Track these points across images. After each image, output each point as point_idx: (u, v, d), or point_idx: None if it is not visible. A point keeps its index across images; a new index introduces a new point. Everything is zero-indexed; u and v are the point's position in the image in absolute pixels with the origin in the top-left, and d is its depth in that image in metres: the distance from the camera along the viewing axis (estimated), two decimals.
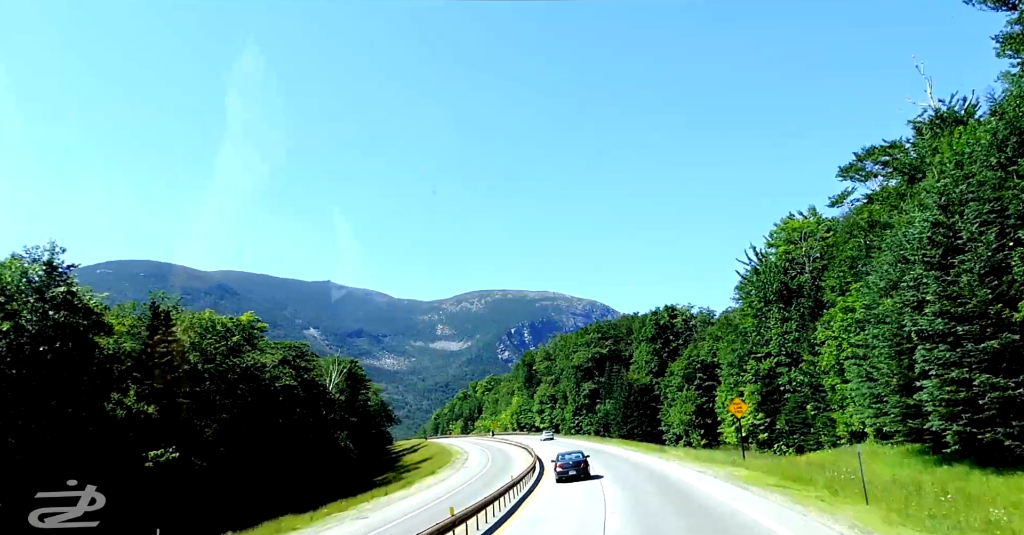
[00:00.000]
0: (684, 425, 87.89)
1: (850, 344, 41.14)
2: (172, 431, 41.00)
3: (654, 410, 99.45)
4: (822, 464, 33.43)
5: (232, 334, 51.03)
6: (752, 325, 67.06)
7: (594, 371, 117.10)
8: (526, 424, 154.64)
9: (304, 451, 60.21)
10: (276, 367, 56.49)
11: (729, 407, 41.24)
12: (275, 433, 53.83)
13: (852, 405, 41.31)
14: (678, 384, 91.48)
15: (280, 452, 54.14)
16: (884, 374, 29.64)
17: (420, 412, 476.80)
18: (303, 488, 54.75)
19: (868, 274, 37.06)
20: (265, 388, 52.66)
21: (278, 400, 53.72)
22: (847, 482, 24.00)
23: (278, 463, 53.39)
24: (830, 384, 44.22)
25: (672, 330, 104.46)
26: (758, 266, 67.78)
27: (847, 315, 42.37)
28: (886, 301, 31.01)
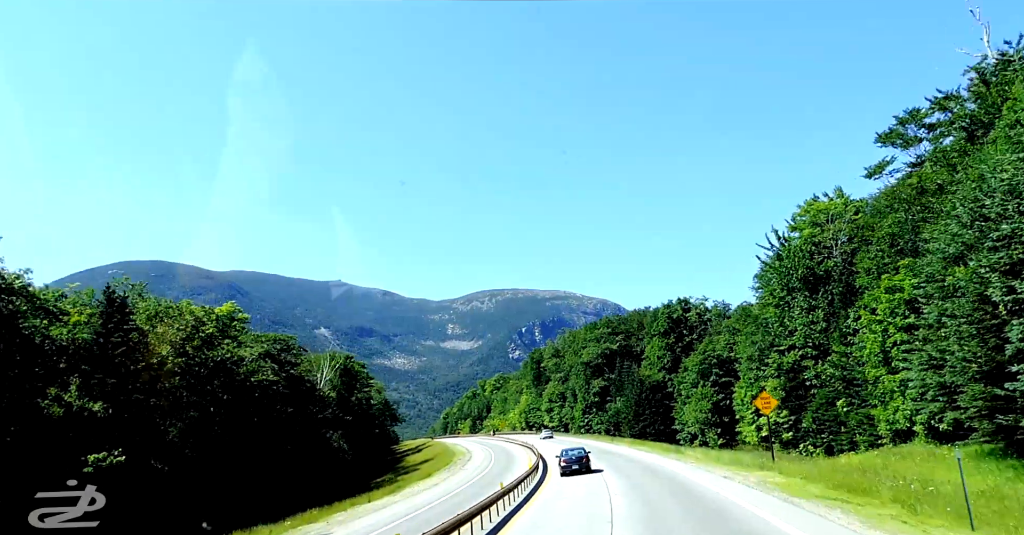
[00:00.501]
0: (700, 424, 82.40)
1: (898, 328, 35.71)
2: (124, 431, 36.03)
3: (667, 408, 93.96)
4: (869, 469, 27.98)
5: (204, 324, 46.07)
6: (774, 315, 61.50)
7: (604, 368, 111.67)
8: (535, 423, 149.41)
9: (289, 452, 55.22)
10: (256, 361, 51.55)
11: (755, 402, 35.90)
12: (253, 433, 48.85)
13: (901, 399, 35.83)
14: (693, 380, 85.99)
15: (259, 453, 49.16)
16: (959, 359, 24.16)
17: (431, 412, 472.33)
18: (285, 493, 49.77)
19: (923, 246, 31.59)
20: (241, 383, 47.69)
21: (255, 396, 48.71)
22: (923, 495, 18.60)
23: (256, 466, 48.39)
24: (873, 375, 38.73)
25: (686, 324, 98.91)
26: (780, 251, 62.15)
27: (893, 296, 36.83)
28: (957, 270, 25.58)
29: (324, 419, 66.75)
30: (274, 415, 54.02)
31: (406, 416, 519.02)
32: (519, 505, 28.44)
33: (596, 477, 36.09)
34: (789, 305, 60.68)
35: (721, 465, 36.53)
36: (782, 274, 60.11)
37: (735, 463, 36.51)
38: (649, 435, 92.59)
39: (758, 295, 70.22)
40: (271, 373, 53.70)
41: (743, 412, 68.90)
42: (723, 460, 39.58)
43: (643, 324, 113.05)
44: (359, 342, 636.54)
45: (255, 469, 47.94)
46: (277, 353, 57.43)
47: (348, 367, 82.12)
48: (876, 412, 40.72)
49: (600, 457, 55.00)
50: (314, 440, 62.64)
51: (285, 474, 53.83)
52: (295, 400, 58.44)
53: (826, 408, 53.69)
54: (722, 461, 38.92)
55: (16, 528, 18.11)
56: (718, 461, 39.55)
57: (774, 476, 28.69)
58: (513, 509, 27.32)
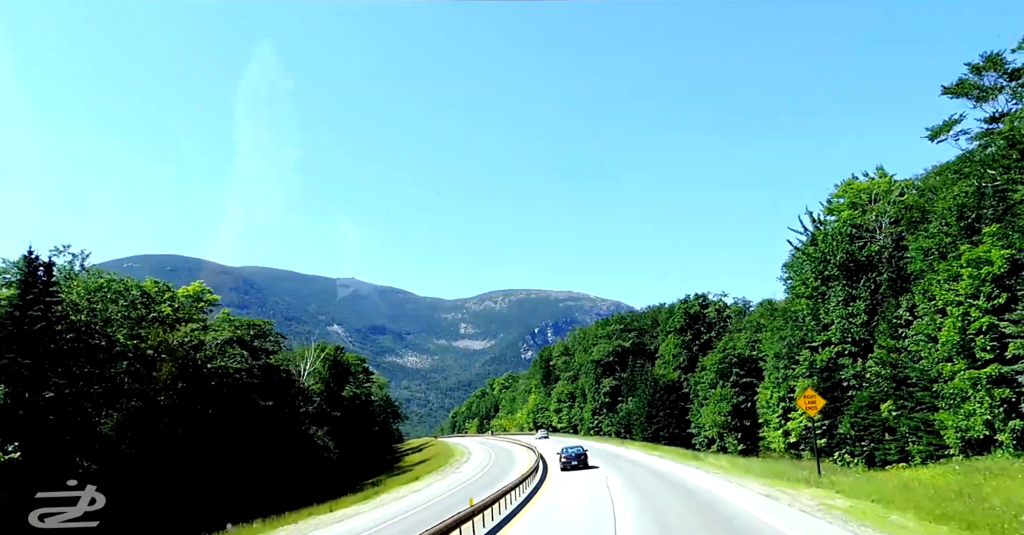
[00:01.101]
0: (718, 427, 75.24)
1: (985, 311, 28.68)
2: (33, 422, 29.65)
3: (682, 410, 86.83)
4: (961, 490, 20.87)
5: (156, 303, 39.75)
6: (806, 308, 54.28)
7: (615, 366, 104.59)
8: (543, 424, 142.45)
9: (260, 450, 48.77)
10: (219, 345, 45.14)
11: (798, 402, 28.98)
12: (211, 426, 42.43)
13: (984, 399, 28.69)
14: (711, 380, 78.85)
15: (219, 450, 42.72)
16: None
17: (442, 411, 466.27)
18: (247, 497, 43.33)
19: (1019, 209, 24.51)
20: (198, 370, 41.28)
21: (212, 386, 42.23)
22: None
23: (214, 464, 41.95)
24: (949, 371, 31.57)
25: (703, 321, 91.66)
26: (815, 235, 54.95)
27: (979, 270, 29.64)
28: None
29: (306, 414, 60.31)
30: (241, 407, 47.59)
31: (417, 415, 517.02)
32: (504, 520, 21.82)
33: (600, 491, 29.31)
34: (824, 296, 53.50)
35: (755, 478, 29.56)
36: (817, 261, 52.90)
37: (772, 475, 29.51)
38: (662, 438, 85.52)
39: (787, 286, 63.00)
40: (242, 360, 47.26)
41: (768, 415, 61.72)
42: (755, 471, 32.56)
43: (657, 321, 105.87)
44: (371, 340, 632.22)
45: (212, 468, 41.50)
46: (250, 339, 51.03)
47: (338, 359, 75.54)
48: (941, 417, 33.51)
49: (609, 463, 48.17)
50: (293, 437, 56.20)
51: (252, 475, 47.37)
52: (270, 392, 52.02)
53: (867, 412, 46.52)
54: (754, 472, 31.91)
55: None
56: (749, 472, 32.56)
57: (832, 496, 21.78)
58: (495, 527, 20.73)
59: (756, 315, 77.46)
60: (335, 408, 71.04)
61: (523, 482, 33.36)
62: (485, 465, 62.57)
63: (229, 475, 43.74)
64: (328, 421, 67.35)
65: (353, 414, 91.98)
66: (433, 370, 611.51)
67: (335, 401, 71.87)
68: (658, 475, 35.57)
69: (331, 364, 73.47)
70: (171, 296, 42.26)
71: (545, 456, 58.57)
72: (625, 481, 32.97)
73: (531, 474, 38.58)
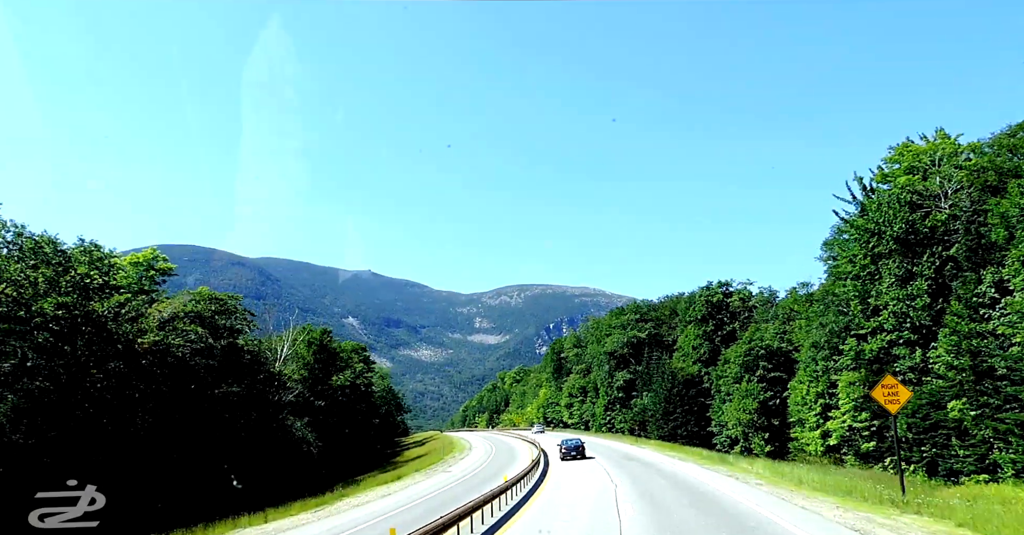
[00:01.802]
0: (742, 426, 67.29)
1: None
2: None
3: (702, 406, 78.92)
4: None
5: (72, 263, 32.68)
6: (853, 290, 46.23)
7: (630, 358, 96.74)
8: (553, 419, 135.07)
9: (216, 442, 41.75)
10: (168, 321, 38.08)
11: (874, 393, 21.26)
12: (150, 413, 35.35)
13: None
14: (735, 374, 70.91)
15: (159, 441, 35.66)
16: None
17: (455, 404, 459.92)
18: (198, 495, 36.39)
19: None
20: (129, 347, 34.20)
21: (149, 365, 35.12)
22: None
23: (153, 458, 34.89)
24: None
25: (727, 310, 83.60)
26: (866, 205, 46.86)
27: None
28: None
29: (281, 403, 53.22)
30: (194, 393, 40.52)
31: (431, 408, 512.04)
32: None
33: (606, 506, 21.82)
34: (874, 276, 45.47)
35: (815, 494, 21.86)
36: (868, 235, 44.84)
37: (838, 491, 21.79)
38: (680, 437, 77.75)
39: (828, 268, 54.98)
40: (196, 339, 40.16)
41: (803, 413, 53.76)
42: (810, 483, 24.80)
43: (676, 311, 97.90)
44: (386, 332, 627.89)
45: (149, 463, 34.43)
46: (210, 315, 43.96)
47: (325, 343, 68.26)
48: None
49: (620, 466, 40.59)
50: (264, 428, 49.14)
51: (205, 471, 40.35)
52: (235, 376, 44.92)
53: (929, 411, 38.61)
54: (811, 486, 24.18)
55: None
56: (802, 484, 24.84)
57: (953, 532, 14.08)
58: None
59: (788, 302, 69.34)
60: (320, 397, 63.92)
61: (509, 489, 26.03)
62: (481, 463, 55.42)
63: (171, 471, 36.69)
64: (310, 411, 60.25)
65: (346, 405, 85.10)
66: (448, 364, 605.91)
67: (321, 390, 64.75)
68: (684, 487, 27.88)
69: (317, 349, 66.31)
70: (100, 257, 35.13)
71: (547, 452, 51.49)
72: (640, 495, 25.33)
73: (523, 477, 31.28)
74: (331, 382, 69.32)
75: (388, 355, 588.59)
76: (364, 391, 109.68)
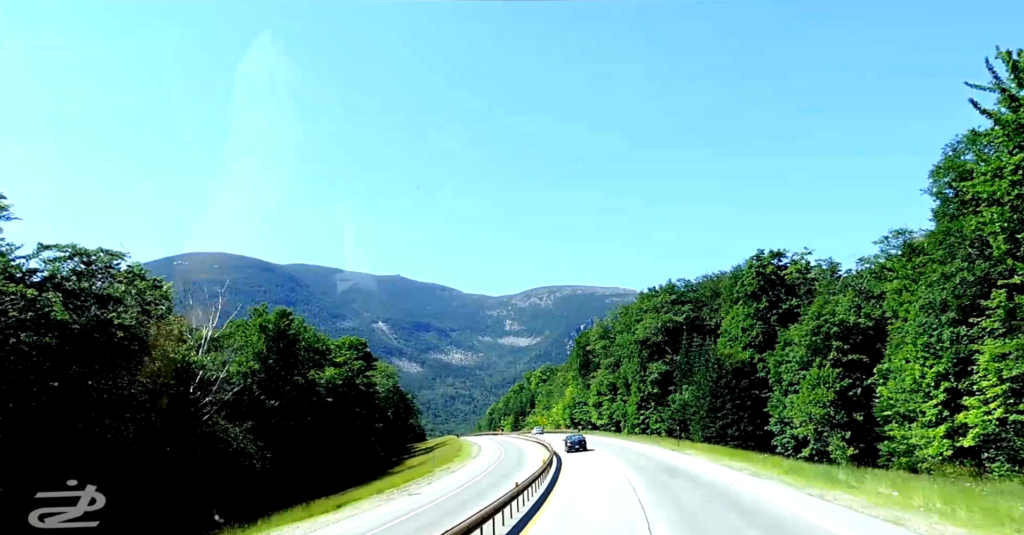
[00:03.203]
0: (815, 423, 51.81)
1: None
2: None
3: (757, 400, 63.52)
4: None
5: None
6: (1000, 220, 30.61)
7: (665, 347, 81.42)
8: (581, 421, 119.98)
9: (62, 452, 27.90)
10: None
11: None
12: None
13: None
14: (801, 359, 55.54)
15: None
16: None
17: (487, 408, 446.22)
18: None
19: None
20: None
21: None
22: None
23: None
24: None
25: (782, 284, 68.03)
26: (1018, 98, 31.12)
27: None
28: None
29: (201, 404, 39.27)
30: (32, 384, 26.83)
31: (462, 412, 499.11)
32: None
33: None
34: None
35: None
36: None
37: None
38: (730, 438, 62.41)
39: (939, 204, 39.41)
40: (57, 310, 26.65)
41: (911, 404, 38.20)
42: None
43: (718, 291, 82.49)
44: (416, 336, 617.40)
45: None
46: (74, 278, 30.46)
47: (282, 329, 53.87)
48: None
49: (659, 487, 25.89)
50: (165, 437, 35.29)
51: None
52: (102, 362, 31.17)
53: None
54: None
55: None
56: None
57: None
58: None
59: (888, 261, 52.71)
60: (276, 396, 49.95)
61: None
62: (476, 475, 41.27)
63: None
64: (259, 414, 46.33)
65: (331, 406, 71.28)
66: (478, 367, 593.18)
67: (277, 387, 50.75)
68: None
69: (274, 336, 52.28)
70: None
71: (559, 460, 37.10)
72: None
73: (506, 504, 17.01)
74: (295, 378, 55.23)
75: (418, 359, 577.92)
76: (365, 391, 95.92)
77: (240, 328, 51.41)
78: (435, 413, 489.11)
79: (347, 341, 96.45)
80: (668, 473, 32.25)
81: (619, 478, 30.86)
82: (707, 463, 37.37)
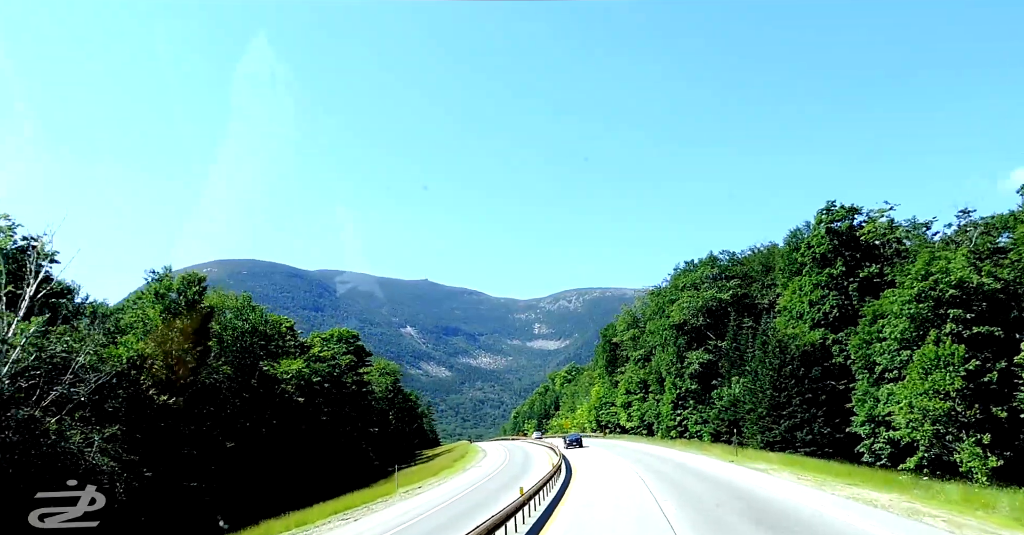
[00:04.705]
0: (931, 421, 36.05)
1: None
2: None
3: (834, 393, 47.86)
4: None
5: None
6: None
7: (707, 332, 65.82)
8: (608, 424, 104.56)
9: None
10: None
11: None
12: None
13: None
14: (901, 334, 39.94)
15: None
16: None
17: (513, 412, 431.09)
18: None
19: None
20: None
21: None
22: None
23: None
24: None
25: (860, 247, 52.14)
26: None
27: None
28: None
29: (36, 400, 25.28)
30: None
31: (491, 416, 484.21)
32: None
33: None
34: None
35: None
36: None
37: None
38: (800, 444, 46.75)
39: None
40: None
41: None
42: None
43: (769, 266, 66.77)
44: (444, 341, 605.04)
45: None
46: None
47: (192, 299, 38.28)
48: None
49: None
50: None
51: None
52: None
53: None
54: None
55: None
56: None
57: None
58: None
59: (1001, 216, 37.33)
60: (174, 390, 35.65)
61: None
62: (453, 496, 26.57)
63: None
64: (141, 417, 32.17)
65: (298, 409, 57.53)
66: (507, 371, 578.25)
67: (176, 379, 36.40)
68: None
69: (176, 306, 37.59)
70: None
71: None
72: None
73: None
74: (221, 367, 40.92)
75: (447, 363, 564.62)
76: (355, 391, 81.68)
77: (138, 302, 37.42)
78: (464, 418, 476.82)
79: (335, 333, 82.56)
80: (772, 530, 16.95)
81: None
82: (814, 492, 22.07)
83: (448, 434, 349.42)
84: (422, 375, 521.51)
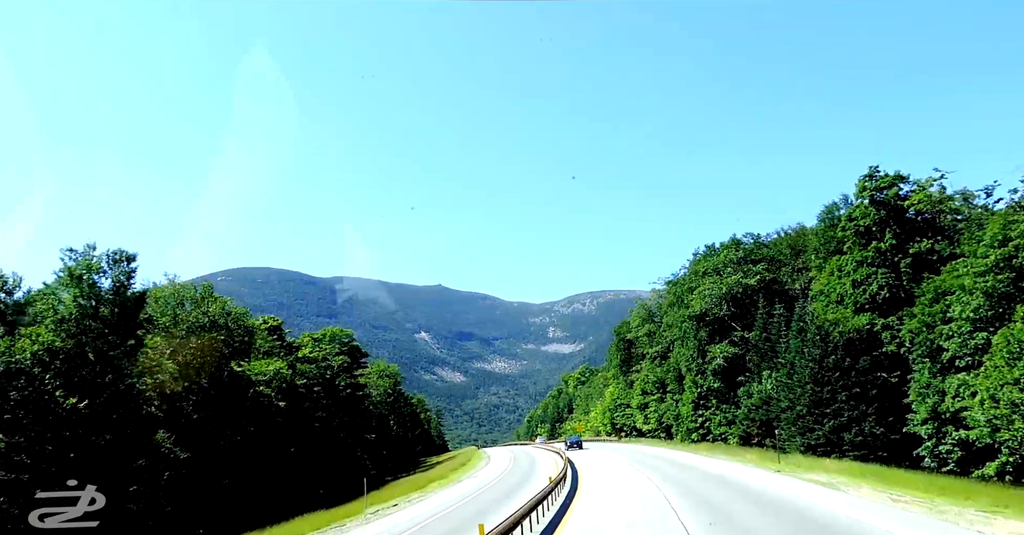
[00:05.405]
0: (1020, 418, 28.84)
1: None
2: None
3: (887, 389, 40.67)
4: None
5: None
6: None
7: (731, 323, 58.69)
8: (624, 426, 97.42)
9: None
10: None
11: None
12: None
13: None
14: (974, 313, 32.80)
15: None
16: None
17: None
18: None
19: None
20: None
21: None
22: None
23: None
24: None
25: (907, 220, 44.88)
26: None
27: None
28: None
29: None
30: None
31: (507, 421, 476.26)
32: None
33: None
34: None
35: None
36: None
37: None
38: (848, 446, 39.59)
39: None
40: None
41: None
42: None
43: (798, 249, 59.64)
44: (459, 346, 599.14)
45: None
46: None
47: (117, 285, 31.28)
48: None
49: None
50: None
51: None
52: None
53: None
54: None
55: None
56: None
57: None
58: None
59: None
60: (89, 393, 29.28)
61: None
62: (425, 518, 20.01)
63: None
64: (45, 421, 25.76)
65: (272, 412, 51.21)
66: (522, 375, 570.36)
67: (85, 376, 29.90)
68: None
69: (98, 296, 30.79)
70: None
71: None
72: None
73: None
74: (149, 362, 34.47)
75: (461, 368, 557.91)
76: (349, 394, 75.16)
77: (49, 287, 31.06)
78: (479, 423, 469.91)
79: (328, 332, 76.25)
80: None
81: None
82: (951, 528, 15.18)
83: (463, 439, 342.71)
84: (437, 380, 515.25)
